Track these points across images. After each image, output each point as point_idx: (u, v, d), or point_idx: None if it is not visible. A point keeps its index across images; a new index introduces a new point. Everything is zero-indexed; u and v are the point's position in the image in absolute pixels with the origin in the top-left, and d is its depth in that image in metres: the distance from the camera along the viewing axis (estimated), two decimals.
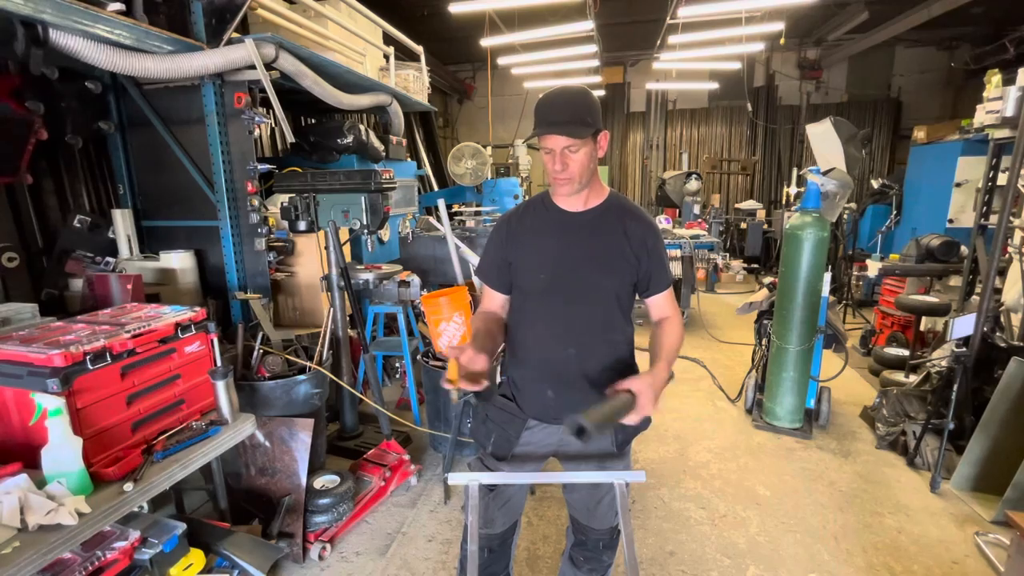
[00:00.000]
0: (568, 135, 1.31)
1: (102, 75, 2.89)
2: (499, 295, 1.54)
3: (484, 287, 1.57)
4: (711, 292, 7.74)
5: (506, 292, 1.54)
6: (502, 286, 1.53)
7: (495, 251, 1.52)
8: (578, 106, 1.33)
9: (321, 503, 2.36)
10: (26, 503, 1.39)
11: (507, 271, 1.50)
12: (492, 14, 6.47)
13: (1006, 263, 3.52)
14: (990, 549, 2.33)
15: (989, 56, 8.10)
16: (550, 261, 1.43)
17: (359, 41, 3.83)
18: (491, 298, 1.55)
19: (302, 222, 2.84)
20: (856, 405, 3.83)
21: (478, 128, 11.51)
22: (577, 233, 1.43)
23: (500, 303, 1.55)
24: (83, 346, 1.61)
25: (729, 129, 10.94)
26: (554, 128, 1.31)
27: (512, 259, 1.49)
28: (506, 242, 1.49)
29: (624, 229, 1.42)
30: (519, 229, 1.49)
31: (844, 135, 5.70)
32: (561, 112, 1.32)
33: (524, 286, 1.49)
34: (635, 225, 1.43)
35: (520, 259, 1.47)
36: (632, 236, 1.42)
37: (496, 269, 1.52)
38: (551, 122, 1.32)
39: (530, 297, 1.48)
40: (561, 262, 1.42)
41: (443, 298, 3.01)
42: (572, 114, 1.32)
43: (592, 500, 1.55)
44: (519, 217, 1.51)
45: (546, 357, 1.47)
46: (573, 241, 1.42)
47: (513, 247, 1.48)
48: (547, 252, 1.44)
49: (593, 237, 1.42)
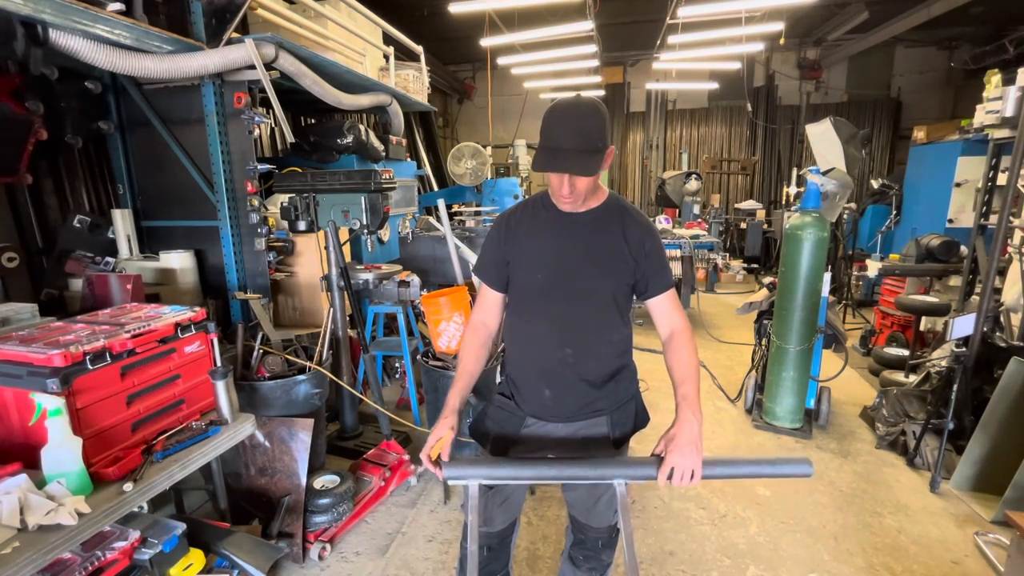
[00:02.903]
0: (582, 173, 1.28)
1: (102, 75, 2.88)
2: (497, 293, 1.54)
3: (482, 285, 1.56)
4: (711, 292, 7.74)
5: (504, 290, 1.54)
6: (500, 284, 1.53)
7: (493, 249, 1.52)
8: (590, 132, 1.26)
9: (321, 503, 2.36)
10: (26, 503, 1.39)
11: (505, 269, 1.50)
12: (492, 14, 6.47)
13: (1006, 263, 3.52)
14: (990, 549, 2.33)
15: (989, 56, 8.10)
16: (547, 262, 1.43)
17: (359, 41, 3.83)
18: (489, 297, 1.55)
19: (302, 222, 2.84)
20: (856, 405, 3.83)
21: (478, 128, 11.51)
22: (575, 234, 1.42)
23: (497, 302, 1.55)
24: (83, 346, 1.61)
25: (729, 129, 10.94)
26: (566, 165, 1.27)
27: (510, 258, 1.49)
28: (504, 241, 1.49)
29: (622, 231, 1.42)
30: (517, 228, 1.48)
31: (844, 135, 5.70)
32: (573, 138, 1.26)
33: (521, 286, 1.49)
34: (633, 227, 1.43)
35: (518, 259, 1.47)
36: (630, 238, 1.41)
37: (495, 267, 1.52)
38: (563, 152, 1.26)
39: (527, 297, 1.48)
40: (559, 263, 1.42)
41: (443, 298, 3.01)
42: (584, 141, 1.26)
43: (591, 499, 1.55)
44: (518, 216, 1.51)
45: (543, 357, 1.46)
46: (571, 242, 1.42)
47: (511, 246, 1.48)
48: (545, 253, 1.44)
49: (591, 238, 1.42)
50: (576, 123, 1.27)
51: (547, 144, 1.29)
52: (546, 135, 1.29)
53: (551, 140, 1.28)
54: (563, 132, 1.27)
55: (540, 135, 1.31)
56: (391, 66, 4.28)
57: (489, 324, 1.55)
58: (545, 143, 1.29)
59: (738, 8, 5.43)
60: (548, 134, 1.29)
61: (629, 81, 11.20)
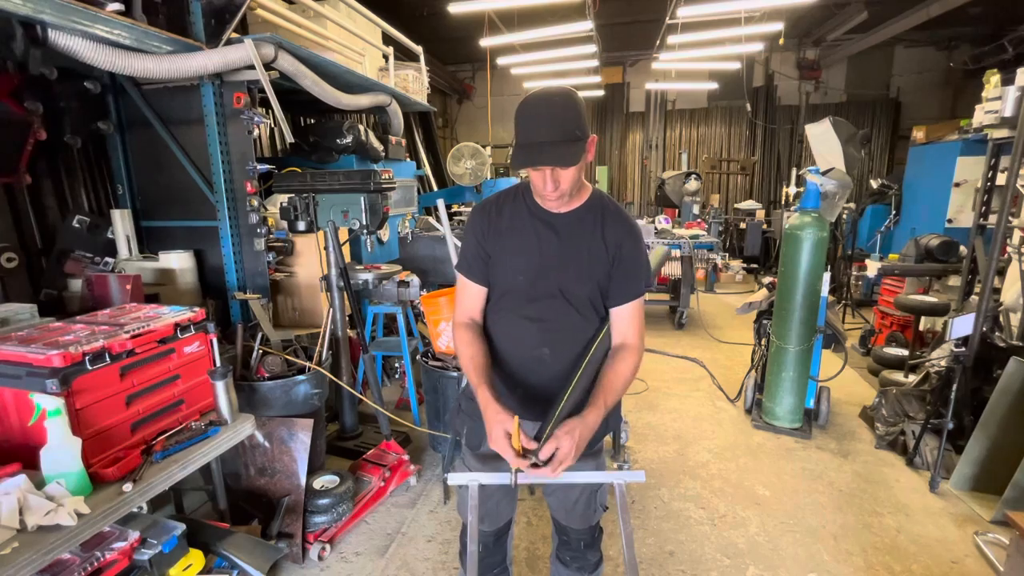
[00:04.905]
0: (563, 164, 1.22)
1: (101, 75, 2.88)
2: (481, 288, 1.48)
3: (465, 281, 1.49)
4: (710, 292, 7.74)
5: (488, 285, 1.49)
6: (485, 279, 1.48)
7: (476, 245, 1.46)
8: (566, 120, 1.21)
9: (320, 503, 2.36)
10: (25, 504, 1.39)
11: (487, 264, 1.46)
12: (492, 14, 6.48)
13: (1005, 263, 3.52)
14: (989, 549, 2.33)
15: (988, 56, 8.12)
16: (527, 263, 1.40)
17: (358, 41, 3.83)
18: (472, 291, 1.49)
19: (301, 222, 2.84)
20: (855, 405, 3.84)
21: (477, 128, 11.52)
22: (556, 235, 1.39)
23: (482, 295, 1.49)
24: (82, 346, 1.61)
25: (728, 129, 10.95)
26: (546, 157, 1.21)
27: (491, 254, 1.44)
28: (486, 236, 1.44)
29: (602, 231, 1.38)
30: (498, 223, 1.44)
31: (843, 135, 5.70)
32: (549, 130, 1.20)
33: (501, 285, 1.45)
34: (612, 227, 1.39)
35: (498, 257, 1.43)
36: (608, 238, 1.38)
37: (480, 262, 1.46)
38: (540, 145, 1.21)
39: (506, 296, 1.45)
40: (539, 264, 1.39)
41: (442, 298, 3.01)
42: (562, 131, 1.20)
43: (568, 500, 1.54)
44: (498, 209, 1.45)
45: (520, 355, 1.45)
46: (552, 243, 1.39)
47: (492, 243, 1.44)
48: (525, 253, 1.40)
49: (571, 240, 1.38)
50: (550, 113, 1.21)
51: (523, 140, 1.23)
52: (521, 131, 1.24)
53: (527, 135, 1.23)
54: (538, 125, 1.22)
55: (516, 134, 1.26)
56: (390, 66, 4.28)
57: (477, 319, 1.50)
58: (521, 140, 1.24)
59: (738, 8, 5.44)
60: (523, 130, 1.24)
61: (629, 81, 11.21)
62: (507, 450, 1.21)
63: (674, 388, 4.28)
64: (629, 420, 3.60)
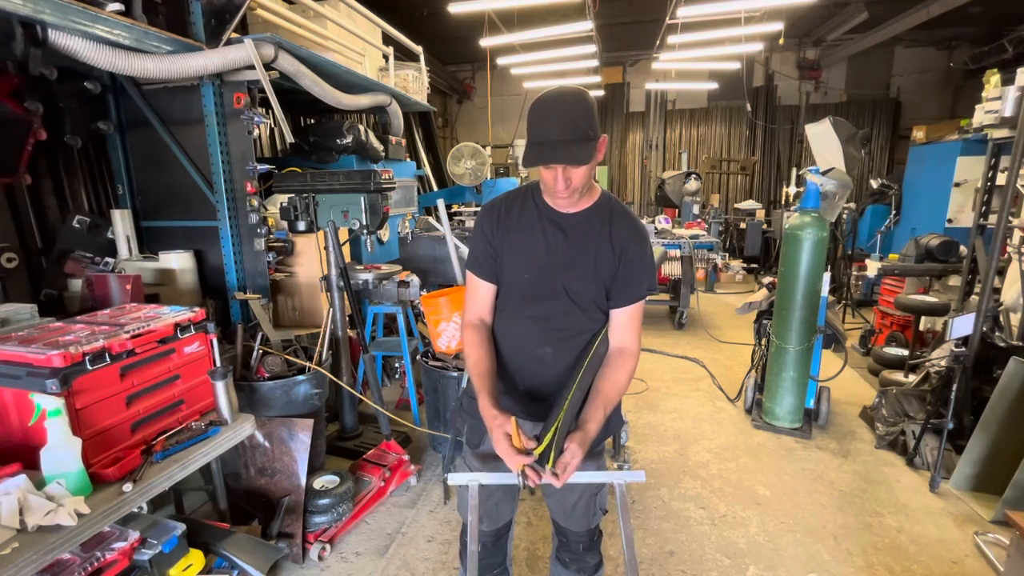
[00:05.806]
0: (575, 163, 1.24)
1: (101, 75, 2.88)
2: (491, 286, 1.49)
3: (475, 280, 1.50)
4: (710, 292, 7.74)
5: (497, 283, 1.49)
6: (494, 277, 1.48)
7: (484, 243, 1.47)
8: (579, 119, 1.23)
9: (321, 503, 2.36)
10: (25, 504, 1.39)
11: (496, 262, 1.46)
12: (492, 14, 6.47)
13: (1005, 263, 3.52)
14: (990, 549, 2.33)
15: (988, 56, 8.12)
16: (534, 263, 1.41)
17: (358, 41, 3.83)
18: (483, 290, 1.49)
19: (301, 222, 2.84)
20: (855, 405, 3.83)
21: (477, 128, 11.51)
22: (564, 235, 1.39)
23: (491, 294, 1.50)
24: (82, 347, 1.61)
25: (728, 129, 10.95)
26: (558, 155, 1.23)
27: (500, 253, 1.45)
28: (495, 235, 1.45)
29: (609, 232, 1.39)
30: (507, 223, 1.44)
31: (843, 135, 5.70)
32: (562, 129, 1.22)
33: (507, 284, 1.46)
34: (620, 229, 1.39)
35: (506, 256, 1.44)
36: (615, 240, 1.39)
37: (489, 260, 1.47)
38: (553, 144, 1.23)
39: (512, 295, 1.46)
40: (545, 264, 1.40)
41: (443, 298, 3.01)
42: (574, 130, 1.22)
43: (568, 503, 1.54)
44: (507, 208, 1.46)
45: (522, 354, 1.45)
46: (559, 244, 1.39)
47: (501, 242, 1.45)
48: (532, 253, 1.41)
49: (579, 240, 1.39)
50: (563, 113, 1.23)
51: (536, 139, 1.26)
52: (534, 130, 1.26)
53: (540, 134, 1.25)
54: (551, 124, 1.24)
55: (528, 132, 1.28)
56: (390, 66, 4.28)
57: (486, 319, 1.51)
58: (534, 138, 1.26)
59: (737, 8, 5.44)
60: (536, 128, 1.26)
61: (629, 81, 11.20)
62: (509, 452, 1.22)
63: (674, 388, 4.28)
64: (629, 420, 3.60)
